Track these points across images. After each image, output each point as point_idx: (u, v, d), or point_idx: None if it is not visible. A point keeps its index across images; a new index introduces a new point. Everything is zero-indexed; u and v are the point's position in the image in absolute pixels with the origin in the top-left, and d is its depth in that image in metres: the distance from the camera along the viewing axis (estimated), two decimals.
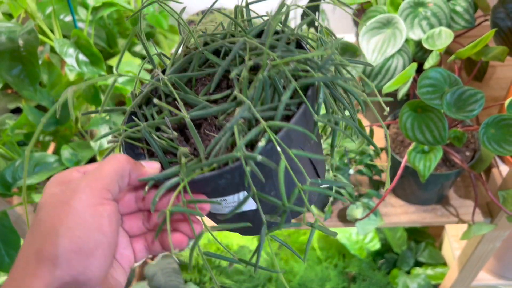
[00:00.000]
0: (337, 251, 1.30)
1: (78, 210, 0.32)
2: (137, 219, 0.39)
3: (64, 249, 0.31)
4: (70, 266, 0.31)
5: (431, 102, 0.66)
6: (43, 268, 0.31)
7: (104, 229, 0.33)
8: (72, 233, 0.31)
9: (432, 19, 0.81)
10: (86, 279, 0.32)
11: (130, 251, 0.38)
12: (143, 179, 0.36)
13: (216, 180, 0.35)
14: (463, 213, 0.91)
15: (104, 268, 0.33)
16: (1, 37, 0.71)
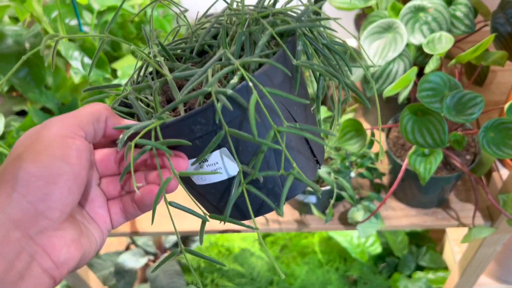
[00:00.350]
0: (338, 255, 1.31)
1: (46, 138, 0.31)
2: (115, 182, 0.38)
3: (25, 171, 0.29)
4: (29, 190, 0.29)
5: (431, 106, 0.67)
6: (1, 191, 0.29)
7: (70, 160, 0.31)
8: (35, 157, 0.30)
9: (432, 24, 0.82)
10: (45, 207, 0.30)
11: (105, 211, 0.37)
12: (118, 127, 0.35)
13: (190, 126, 0.33)
14: (464, 216, 0.91)
15: (67, 201, 0.31)
16: (8, 40, 0.73)
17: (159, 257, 1.24)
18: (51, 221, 0.30)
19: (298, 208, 0.93)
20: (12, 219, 0.29)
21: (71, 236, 0.32)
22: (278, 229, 0.94)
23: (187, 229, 0.97)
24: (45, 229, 0.30)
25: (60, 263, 0.31)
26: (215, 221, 0.39)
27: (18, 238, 0.29)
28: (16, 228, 0.29)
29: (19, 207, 0.29)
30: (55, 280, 0.31)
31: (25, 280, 0.29)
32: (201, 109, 0.32)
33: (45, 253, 0.30)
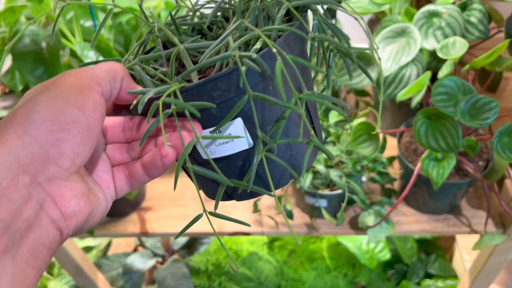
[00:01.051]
0: (347, 261, 1.30)
1: (62, 86, 0.30)
2: (121, 148, 0.37)
3: (38, 114, 0.28)
4: (41, 134, 0.28)
5: (445, 110, 0.67)
6: (11, 133, 0.28)
7: (86, 110, 0.30)
8: (50, 102, 0.29)
9: (446, 29, 0.82)
10: (57, 153, 0.29)
11: (110, 177, 0.35)
12: (133, 92, 0.33)
13: (210, 91, 0.32)
14: (475, 223, 0.91)
15: (79, 151, 0.30)
16: (25, 40, 0.74)
17: (167, 259, 1.24)
18: (61, 169, 0.29)
19: (308, 212, 0.93)
20: (22, 163, 0.28)
21: (80, 189, 0.31)
22: (288, 232, 0.94)
23: (197, 231, 0.97)
24: (55, 177, 0.29)
25: (68, 215, 0.30)
26: (226, 223, 0.37)
27: (26, 184, 0.28)
28: (25, 172, 0.28)
29: (30, 150, 0.28)
30: (62, 233, 0.30)
31: (33, 230, 0.28)
32: (225, 73, 0.31)
33: (54, 202, 0.29)
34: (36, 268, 0.28)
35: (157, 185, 1.06)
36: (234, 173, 0.37)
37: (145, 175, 0.35)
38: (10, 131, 0.28)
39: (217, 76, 0.31)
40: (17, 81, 0.90)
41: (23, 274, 0.27)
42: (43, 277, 1.27)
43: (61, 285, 1.21)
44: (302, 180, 0.83)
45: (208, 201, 1.08)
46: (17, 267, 0.27)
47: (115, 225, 0.98)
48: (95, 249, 1.34)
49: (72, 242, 1.05)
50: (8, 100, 1.00)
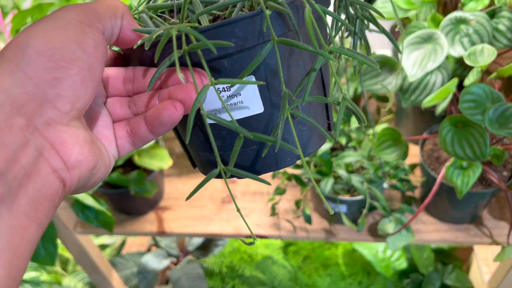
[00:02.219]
0: (362, 268, 1.29)
1: (59, 19, 0.26)
2: (122, 102, 0.33)
3: (33, 49, 0.25)
4: (36, 71, 0.25)
5: (473, 118, 0.66)
6: (2, 69, 0.25)
7: (86, 47, 0.26)
8: (45, 35, 0.25)
9: (473, 36, 0.80)
10: (54, 94, 0.25)
11: (111, 133, 0.32)
12: (138, 30, 0.30)
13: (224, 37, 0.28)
14: (497, 234, 0.89)
15: (79, 94, 0.26)
16: None
17: (181, 259, 1.24)
18: (60, 113, 0.26)
19: (327, 217, 0.92)
20: (15, 103, 0.24)
21: (83, 137, 0.27)
22: (306, 237, 0.93)
23: (213, 232, 0.97)
24: (53, 121, 0.26)
25: (71, 164, 0.27)
26: (243, 226, 0.34)
27: (21, 127, 0.25)
28: (20, 114, 0.25)
29: (24, 89, 0.25)
30: (64, 184, 0.27)
31: (32, 179, 0.25)
32: (245, 16, 0.27)
33: (54, 149, 0.26)
34: (37, 222, 0.25)
35: (175, 185, 1.06)
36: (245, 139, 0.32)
37: (148, 133, 0.31)
38: (1, 67, 0.25)
39: (236, 19, 0.27)
40: None
41: (22, 227, 0.24)
42: (57, 273, 1.28)
43: (76, 282, 1.22)
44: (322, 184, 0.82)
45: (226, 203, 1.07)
46: (15, 219, 0.24)
47: (132, 224, 0.99)
48: (110, 247, 1.35)
49: (89, 240, 1.05)
50: None
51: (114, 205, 0.98)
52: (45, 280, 1.25)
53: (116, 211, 1.00)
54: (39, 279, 1.26)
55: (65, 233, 0.96)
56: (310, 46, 0.27)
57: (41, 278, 1.26)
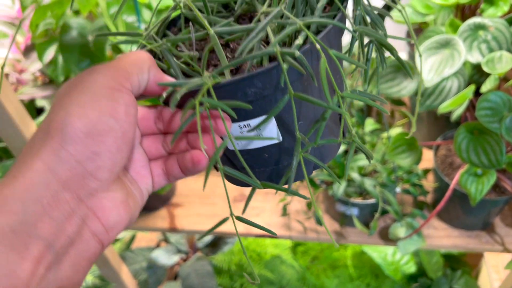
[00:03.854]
0: (370, 271, 1.29)
1: (92, 90, 0.28)
2: (156, 141, 0.36)
3: (72, 127, 0.27)
4: (76, 148, 0.27)
5: (489, 125, 0.66)
6: (47, 148, 0.27)
7: (118, 116, 0.28)
8: (82, 112, 0.28)
9: (492, 43, 0.80)
10: (94, 168, 0.28)
11: (147, 172, 0.35)
12: (163, 84, 0.32)
13: (245, 88, 0.31)
14: (509, 242, 0.89)
15: (116, 160, 0.29)
16: (73, 32, 0.75)
17: (190, 256, 1.25)
18: (100, 182, 0.28)
19: (338, 219, 0.92)
20: (61, 179, 0.27)
21: (120, 198, 0.30)
22: (316, 238, 0.94)
23: (223, 230, 0.97)
24: (95, 191, 0.28)
25: (109, 227, 0.29)
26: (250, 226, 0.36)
27: (67, 200, 0.27)
28: (65, 189, 0.27)
29: (68, 166, 0.27)
30: (103, 245, 0.29)
31: (75, 246, 0.27)
32: (264, 71, 0.30)
33: (96, 216, 0.29)
34: (76, 281, 0.28)
35: (187, 182, 1.07)
36: (259, 164, 0.36)
37: (182, 173, 0.34)
38: (46, 146, 0.27)
39: (255, 73, 0.30)
40: (59, 72, 0.92)
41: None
42: None
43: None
44: (335, 187, 0.82)
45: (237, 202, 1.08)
46: (59, 283, 0.27)
47: (144, 219, 1.00)
48: (120, 241, 1.36)
49: None
50: (48, 90, 1.03)
51: None
52: None
53: None
54: None
55: None
56: (324, 102, 0.30)
57: None
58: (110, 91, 0.29)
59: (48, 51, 0.90)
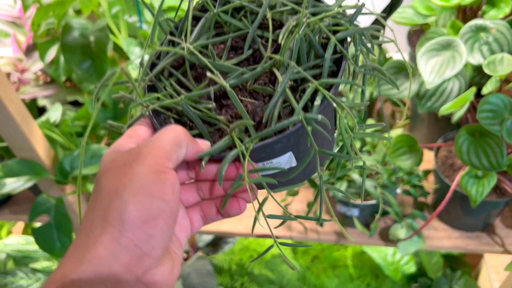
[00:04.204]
0: (371, 271, 1.29)
1: (142, 176, 0.31)
2: (190, 189, 0.39)
3: (129, 215, 0.30)
4: (135, 234, 0.30)
5: (490, 128, 0.66)
6: (108, 235, 0.30)
7: (166, 197, 0.32)
8: (136, 199, 0.31)
9: (493, 44, 0.80)
10: (149, 248, 0.31)
11: (187, 221, 0.38)
12: (202, 155, 0.35)
13: (273, 145, 0.35)
14: (509, 243, 0.89)
15: (167, 238, 0.32)
16: (75, 33, 0.75)
17: (191, 255, 1.26)
18: (154, 260, 0.31)
19: (339, 220, 0.92)
20: (122, 263, 0.30)
21: (168, 269, 0.33)
22: (316, 239, 0.94)
23: (224, 230, 0.98)
24: (149, 268, 0.31)
25: None
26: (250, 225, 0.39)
27: (127, 280, 0.30)
28: (126, 271, 0.30)
29: (128, 250, 0.30)
30: None
31: None
32: (291, 132, 0.34)
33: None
34: None
35: None
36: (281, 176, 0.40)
37: (219, 216, 0.38)
38: (107, 234, 0.30)
39: (283, 136, 0.34)
40: (61, 71, 0.92)
41: None
42: None
43: None
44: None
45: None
46: None
47: None
48: None
49: None
50: (50, 89, 1.03)
51: None
52: None
53: None
54: (51, 269, 1.28)
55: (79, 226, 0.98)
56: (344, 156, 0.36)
57: (54, 268, 1.28)
58: (157, 175, 0.32)
59: (50, 51, 0.90)
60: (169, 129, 0.34)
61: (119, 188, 0.31)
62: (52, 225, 0.81)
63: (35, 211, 0.80)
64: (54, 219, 0.80)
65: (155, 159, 0.32)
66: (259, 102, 0.38)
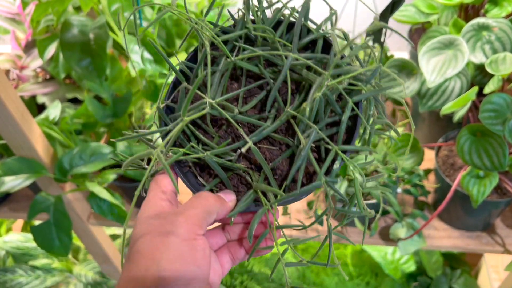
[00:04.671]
0: (370, 269, 1.29)
1: (177, 245, 0.34)
2: (218, 232, 0.42)
3: (166, 281, 0.33)
4: None
5: (492, 128, 0.65)
6: None
7: (198, 262, 0.35)
8: (172, 266, 0.34)
9: (496, 43, 0.80)
10: None
11: (218, 265, 0.41)
12: (230, 215, 0.39)
13: (293, 200, 0.38)
14: (510, 243, 0.89)
15: None
16: (74, 30, 0.75)
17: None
18: None
19: (339, 219, 0.92)
20: None
21: None
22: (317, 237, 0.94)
23: None
24: None
25: None
26: None
27: None
28: None
29: None
30: None
31: None
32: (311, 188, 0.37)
33: None
34: None
35: None
36: None
37: (247, 255, 0.42)
38: None
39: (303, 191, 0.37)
40: (60, 69, 0.92)
41: None
42: (68, 262, 1.30)
43: (87, 271, 1.23)
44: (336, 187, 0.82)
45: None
46: None
47: None
48: (121, 237, 1.36)
49: (102, 231, 1.06)
50: (49, 86, 1.02)
51: (129, 198, 0.99)
52: (57, 267, 1.27)
53: (130, 204, 1.01)
54: (51, 266, 1.28)
55: (79, 224, 0.98)
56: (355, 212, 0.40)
57: (53, 265, 1.28)
58: (189, 243, 0.35)
59: (49, 48, 0.89)
60: (202, 197, 0.38)
61: (157, 256, 0.34)
62: (51, 223, 0.80)
63: (33, 210, 0.80)
64: (53, 217, 0.80)
65: (188, 228, 0.35)
66: (276, 149, 0.41)
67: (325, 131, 0.39)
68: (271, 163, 0.41)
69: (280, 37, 0.43)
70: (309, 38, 0.42)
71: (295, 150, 0.40)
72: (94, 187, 0.79)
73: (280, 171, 0.41)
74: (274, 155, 0.41)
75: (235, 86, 0.43)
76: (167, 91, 0.44)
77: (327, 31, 0.42)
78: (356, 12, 1.15)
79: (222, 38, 0.41)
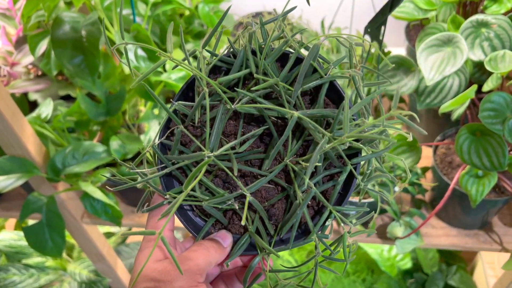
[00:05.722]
0: (366, 266, 1.28)
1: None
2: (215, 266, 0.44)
3: None
4: None
5: (492, 127, 0.65)
6: None
7: None
8: None
9: (495, 40, 0.79)
10: None
11: None
12: (228, 261, 0.41)
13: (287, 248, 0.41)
14: (507, 241, 0.88)
15: None
16: (65, 27, 0.73)
17: None
18: None
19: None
20: None
21: None
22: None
23: None
24: None
25: None
26: None
27: None
28: None
29: None
30: None
31: None
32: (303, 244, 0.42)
33: None
34: None
35: None
36: None
37: (241, 284, 0.44)
38: None
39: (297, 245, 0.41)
40: (52, 65, 0.90)
41: None
42: (62, 260, 1.28)
43: (81, 269, 1.22)
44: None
45: None
46: None
47: (140, 216, 0.98)
48: (115, 235, 1.35)
49: (95, 229, 1.05)
50: (41, 83, 1.00)
51: (122, 197, 0.98)
52: (50, 265, 1.26)
53: (124, 203, 1.00)
54: (44, 265, 1.26)
55: (72, 223, 0.96)
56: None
57: (46, 264, 1.26)
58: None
59: (40, 44, 0.87)
60: (203, 248, 0.40)
61: None
62: (44, 224, 0.79)
63: (26, 210, 0.78)
64: (46, 218, 0.78)
65: (190, 277, 0.38)
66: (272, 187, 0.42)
67: (321, 185, 0.41)
68: (267, 202, 0.42)
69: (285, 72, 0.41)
70: (314, 82, 0.40)
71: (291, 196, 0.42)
72: (88, 187, 0.78)
73: (275, 210, 0.42)
74: (270, 195, 0.42)
75: (232, 123, 0.42)
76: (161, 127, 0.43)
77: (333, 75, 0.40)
78: (354, 7, 1.13)
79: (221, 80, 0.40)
